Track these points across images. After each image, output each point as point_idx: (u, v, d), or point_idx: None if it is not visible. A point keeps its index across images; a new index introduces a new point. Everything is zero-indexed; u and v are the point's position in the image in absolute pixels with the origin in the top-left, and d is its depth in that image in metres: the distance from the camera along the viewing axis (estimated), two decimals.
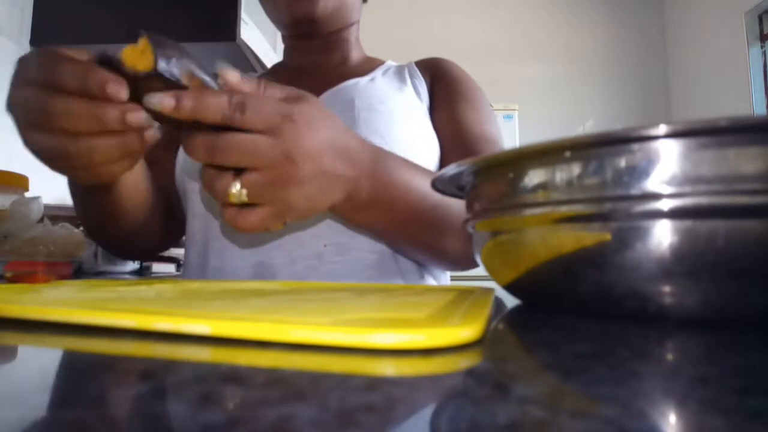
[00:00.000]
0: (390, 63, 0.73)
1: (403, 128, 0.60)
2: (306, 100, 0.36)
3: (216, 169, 0.34)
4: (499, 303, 0.31)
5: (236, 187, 0.34)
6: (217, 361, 0.16)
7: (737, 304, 0.21)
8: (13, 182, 0.72)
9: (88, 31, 1.11)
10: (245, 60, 1.17)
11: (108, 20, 1.11)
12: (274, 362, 0.15)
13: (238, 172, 0.34)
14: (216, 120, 0.31)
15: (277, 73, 0.74)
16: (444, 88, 0.67)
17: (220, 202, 0.36)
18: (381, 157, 0.44)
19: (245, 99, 0.32)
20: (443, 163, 0.64)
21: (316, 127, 0.35)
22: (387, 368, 0.14)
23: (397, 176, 0.45)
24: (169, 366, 0.15)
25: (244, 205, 0.35)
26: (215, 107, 0.31)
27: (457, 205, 0.51)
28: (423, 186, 0.47)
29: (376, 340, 0.16)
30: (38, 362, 0.16)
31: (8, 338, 0.19)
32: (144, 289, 0.32)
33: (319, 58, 0.70)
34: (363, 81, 0.66)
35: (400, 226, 0.49)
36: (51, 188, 1.13)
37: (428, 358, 0.15)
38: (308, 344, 0.16)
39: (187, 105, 0.31)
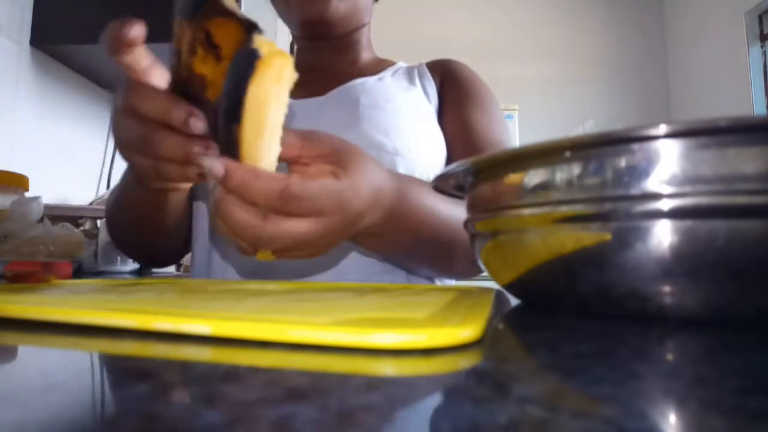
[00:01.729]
0: (401, 64, 0.73)
1: (409, 127, 0.60)
2: (348, 159, 0.33)
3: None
4: (499, 303, 0.31)
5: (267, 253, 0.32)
6: (217, 361, 0.16)
7: (737, 304, 0.21)
8: (13, 182, 0.72)
9: (88, 31, 1.11)
10: None
11: (108, 20, 1.11)
12: (274, 362, 0.15)
13: None
14: (260, 204, 0.30)
15: None
16: (454, 91, 0.67)
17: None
18: (401, 196, 0.41)
19: (296, 190, 0.29)
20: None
21: (355, 206, 0.33)
22: (387, 368, 0.14)
23: (412, 209, 0.43)
24: (169, 366, 0.15)
25: None
26: (262, 194, 0.29)
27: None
28: (436, 213, 0.45)
29: (376, 340, 0.16)
30: (38, 362, 0.16)
31: (8, 338, 0.19)
32: (144, 289, 0.32)
33: (330, 58, 0.70)
34: (371, 80, 0.66)
35: (407, 253, 0.48)
36: (51, 188, 1.13)
37: (428, 358, 0.15)
38: (308, 344, 0.16)
39: (235, 180, 0.29)
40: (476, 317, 0.19)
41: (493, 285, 0.34)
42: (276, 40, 1.39)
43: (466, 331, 0.17)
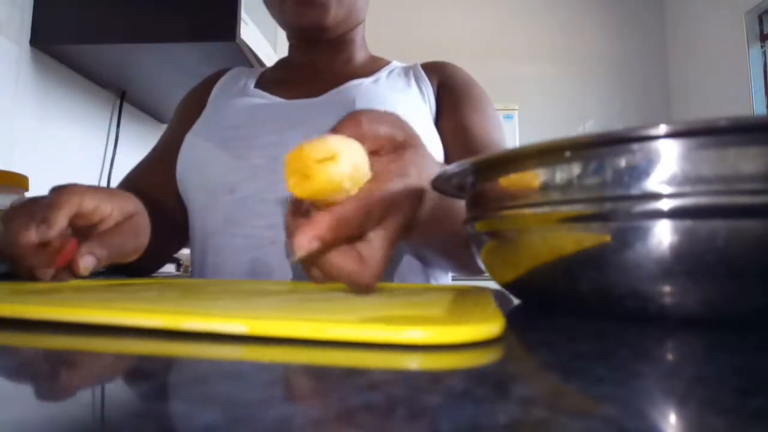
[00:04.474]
0: (395, 64, 0.73)
1: None
2: (404, 153, 0.33)
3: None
4: (499, 303, 0.31)
5: None
6: (217, 359, 0.16)
7: (737, 304, 0.21)
8: (13, 182, 0.72)
9: (88, 31, 1.11)
10: (245, 60, 1.17)
11: (108, 20, 1.11)
12: (275, 358, 0.15)
13: None
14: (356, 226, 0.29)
15: (282, 70, 0.73)
16: (451, 94, 0.67)
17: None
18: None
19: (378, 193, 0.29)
20: None
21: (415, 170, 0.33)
22: (386, 368, 0.14)
23: (440, 206, 0.42)
24: (170, 366, 0.15)
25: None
26: (353, 220, 0.28)
27: None
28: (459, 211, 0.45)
29: (410, 336, 0.16)
30: (38, 362, 0.16)
31: (8, 338, 0.19)
32: (143, 289, 0.32)
33: (324, 57, 0.70)
34: (366, 82, 0.66)
35: (443, 243, 0.48)
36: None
37: (428, 358, 0.15)
38: (341, 341, 0.17)
39: (326, 234, 0.27)
40: (494, 313, 0.20)
41: (493, 285, 0.34)
42: (276, 41, 1.39)
43: (494, 326, 0.17)
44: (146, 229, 0.48)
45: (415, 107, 0.64)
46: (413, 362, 0.15)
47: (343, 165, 0.25)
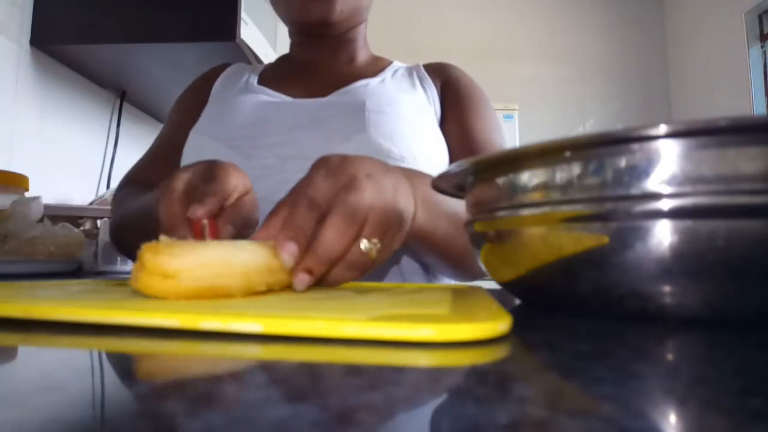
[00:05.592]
0: (397, 64, 0.73)
1: (411, 130, 0.60)
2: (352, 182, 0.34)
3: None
4: (498, 303, 0.31)
5: (364, 244, 0.33)
6: (218, 357, 0.16)
7: (737, 304, 0.21)
8: (13, 182, 0.72)
9: (88, 31, 1.11)
10: (245, 59, 1.17)
11: (108, 20, 1.11)
12: (272, 356, 0.15)
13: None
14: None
15: (284, 67, 0.73)
16: (454, 97, 0.68)
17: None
18: (422, 186, 0.43)
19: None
20: None
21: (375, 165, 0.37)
22: (385, 368, 0.14)
23: (438, 205, 0.44)
24: (171, 365, 0.15)
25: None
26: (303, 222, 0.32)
27: None
28: (452, 203, 0.46)
29: (424, 334, 0.16)
30: (38, 362, 0.16)
31: (8, 338, 0.19)
32: None
33: (327, 55, 0.70)
34: (373, 82, 0.66)
35: (450, 245, 0.49)
36: (51, 188, 1.13)
37: (427, 358, 0.15)
38: (357, 339, 0.17)
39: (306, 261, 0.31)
40: (499, 311, 0.20)
41: (493, 285, 0.34)
42: (276, 41, 1.39)
43: (503, 323, 0.18)
44: (258, 203, 0.49)
45: (420, 108, 0.64)
46: (414, 360, 0.15)
47: (182, 281, 0.26)
